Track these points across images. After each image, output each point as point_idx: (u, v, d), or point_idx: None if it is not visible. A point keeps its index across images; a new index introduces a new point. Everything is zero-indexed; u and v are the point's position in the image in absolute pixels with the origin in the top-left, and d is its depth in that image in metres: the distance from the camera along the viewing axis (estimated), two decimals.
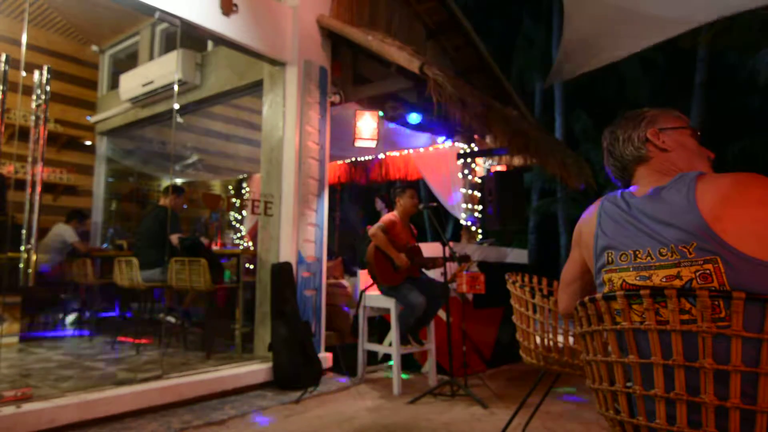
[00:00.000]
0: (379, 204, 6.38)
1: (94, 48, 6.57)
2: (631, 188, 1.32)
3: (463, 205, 6.21)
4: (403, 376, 4.09)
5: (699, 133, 1.35)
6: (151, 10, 3.35)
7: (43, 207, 2.80)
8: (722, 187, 1.12)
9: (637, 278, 1.17)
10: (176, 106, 4.45)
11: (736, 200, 1.10)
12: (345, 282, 5.77)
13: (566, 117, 14.60)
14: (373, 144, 4.65)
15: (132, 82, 5.55)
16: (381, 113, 4.83)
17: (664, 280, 1.13)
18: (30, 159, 2.79)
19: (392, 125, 5.39)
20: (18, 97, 3.28)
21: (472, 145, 6.19)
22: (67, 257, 5.09)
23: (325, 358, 4.15)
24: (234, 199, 7.83)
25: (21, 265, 2.71)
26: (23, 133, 4.04)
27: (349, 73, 4.73)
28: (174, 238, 4.47)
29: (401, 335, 3.82)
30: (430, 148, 6.43)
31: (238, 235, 7.67)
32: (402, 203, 4.05)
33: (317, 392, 3.65)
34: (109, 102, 6.44)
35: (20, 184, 3.27)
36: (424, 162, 6.54)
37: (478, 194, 6.28)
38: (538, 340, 2.30)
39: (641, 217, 1.21)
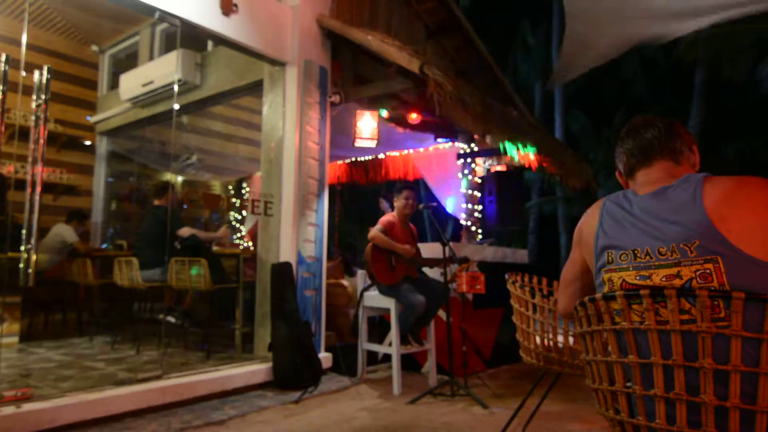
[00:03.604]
0: (384, 204, 6.39)
1: (94, 48, 6.56)
2: (635, 188, 1.33)
3: (463, 205, 6.22)
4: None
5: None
6: (151, 10, 3.35)
7: (43, 207, 2.79)
8: (729, 189, 1.13)
9: (637, 278, 1.18)
10: (176, 106, 4.45)
11: (742, 202, 1.10)
12: (345, 282, 5.77)
13: (566, 117, 14.61)
14: (373, 144, 4.65)
15: (132, 82, 5.54)
16: (382, 112, 4.83)
17: (664, 279, 1.13)
18: (30, 159, 2.79)
19: (392, 125, 5.39)
20: (18, 97, 3.28)
21: (472, 145, 6.19)
22: (67, 257, 5.09)
23: (325, 358, 4.15)
24: (234, 199, 7.83)
25: (21, 265, 2.71)
26: (23, 133, 4.03)
27: (349, 73, 4.72)
28: (185, 231, 4.48)
29: (401, 335, 3.82)
30: (430, 148, 6.43)
31: (238, 235, 7.67)
32: (396, 204, 4.07)
33: (317, 392, 3.65)
34: (109, 102, 6.44)
35: (20, 184, 3.27)
36: (424, 162, 6.55)
37: (478, 194, 6.28)
38: (538, 340, 2.30)
39: (643, 216, 1.21)
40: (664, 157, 1.31)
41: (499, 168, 6.44)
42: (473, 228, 6.24)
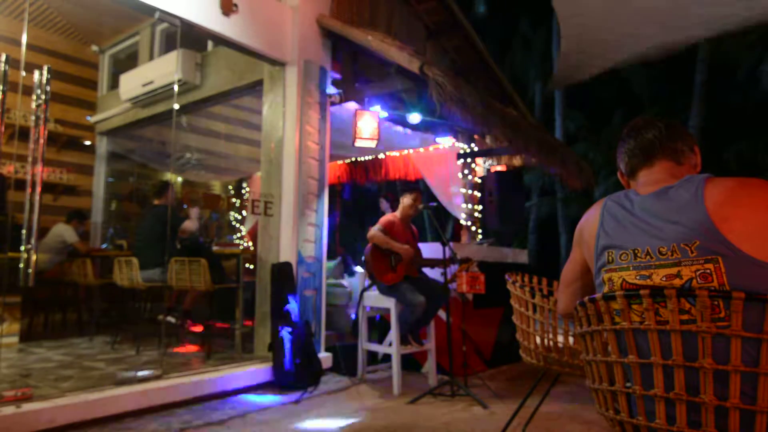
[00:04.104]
0: (384, 204, 6.39)
1: (94, 48, 6.57)
2: (636, 188, 1.33)
3: (463, 205, 6.22)
4: None
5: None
6: (151, 10, 3.35)
7: (43, 207, 2.80)
8: (731, 189, 1.13)
9: (637, 277, 1.17)
10: (176, 106, 4.45)
11: (744, 203, 1.11)
12: (345, 282, 5.77)
13: (566, 117, 14.61)
14: (373, 144, 4.65)
15: (132, 82, 5.54)
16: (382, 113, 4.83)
17: (664, 279, 1.13)
18: (30, 159, 2.79)
19: (391, 125, 5.39)
20: (18, 97, 3.28)
21: (472, 145, 6.19)
22: (67, 257, 5.09)
23: (325, 358, 4.15)
24: (234, 199, 7.83)
25: (21, 265, 2.70)
26: (23, 133, 4.03)
27: (349, 73, 4.72)
28: (189, 224, 4.50)
29: (401, 335, 3.82)
30: (430, 148, 6.43)
31: (238, 235, 7.67)
32: (402, 204, 4.06)
33: (317, 392, 3.65)
34: (109, 102, 6.44)
35: (20, 184, 3.27)
36: (424, 162, 6.54)
37: (478, 194, 6.28)
38: (538, 340, 2.30)
39: (644, 215, 1.21)
40: (665, 157, 1.31)
41: (499, 168, 6.44)
42: (473, 228, 6.24)
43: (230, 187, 8.36)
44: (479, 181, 6.32)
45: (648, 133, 1.34)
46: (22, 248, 2.70)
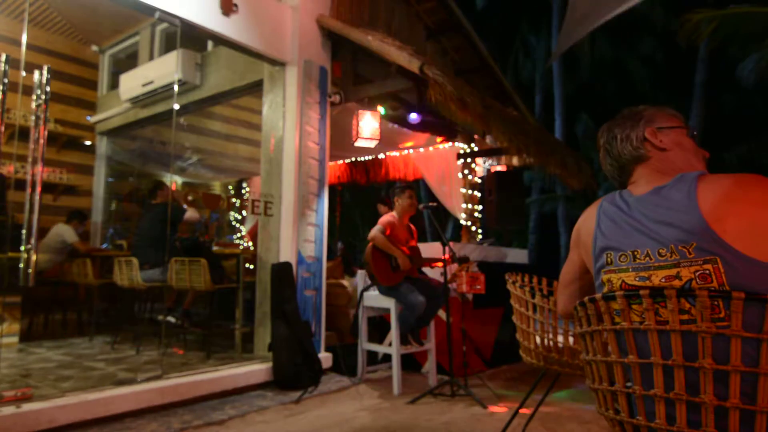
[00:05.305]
0: (383, 208, 6.40)
1: (94, 48, 6.56)
2: (630, 188, 1.32)
3: (463, 205, 6.22)
4: None
5: (695, 133, 1.36)
6: (151, 10, 3.35)
7: (43, 207, 2.80)
8: (724, 188, 1.12)
9: (637, 279, 1.17)
10: (176, 106, 4.45)
11: (737, 201, 1.10)
12: (345, 282, 5.77)
13: (566, 118, 14.59)
14: (373, 144, 4.65)
15: (132, 82, 5.54)
16: (382, 112, 4.83)
17: (663, 280, 1.13)
18: (30, 159, 2.79)
19: (392, 125, 5.39)
20: (18, 97, 3.28)
21: (472, 145, 6.19)
22: (67, 257, 5.09)
23: (325, 358, 4.15)
24: (234, 199, 7.83)
25: (21, 265, 2.71)
26: (23, 133, 4.04)
27: (349, 73, 4.72)
28: (191, 214, 4.52)
29: (401, 335, 3.82)
30: (430, 148, 6.43)
31: (238, 235, 7.68)
32: (400, 203, 4.05)
33: (317, 392, 3.65)
34: (109, 102, 6.44)
35: (20, 184, 3.27)
36: (424, 162, 6.55)
37: (478, 194, 6.28)
38: (538, 340, 2.30)
39: (640, 217, 1.20)
40: (632, 164, 1.31)
41: (499, 168, 6.45)
42: (473, 228, 6.24)
43: (230, 187, 8.37)
44: (479, 181, 6.32)
45: (606, 154, 1.36)
46: (22, 248, 2.70)
